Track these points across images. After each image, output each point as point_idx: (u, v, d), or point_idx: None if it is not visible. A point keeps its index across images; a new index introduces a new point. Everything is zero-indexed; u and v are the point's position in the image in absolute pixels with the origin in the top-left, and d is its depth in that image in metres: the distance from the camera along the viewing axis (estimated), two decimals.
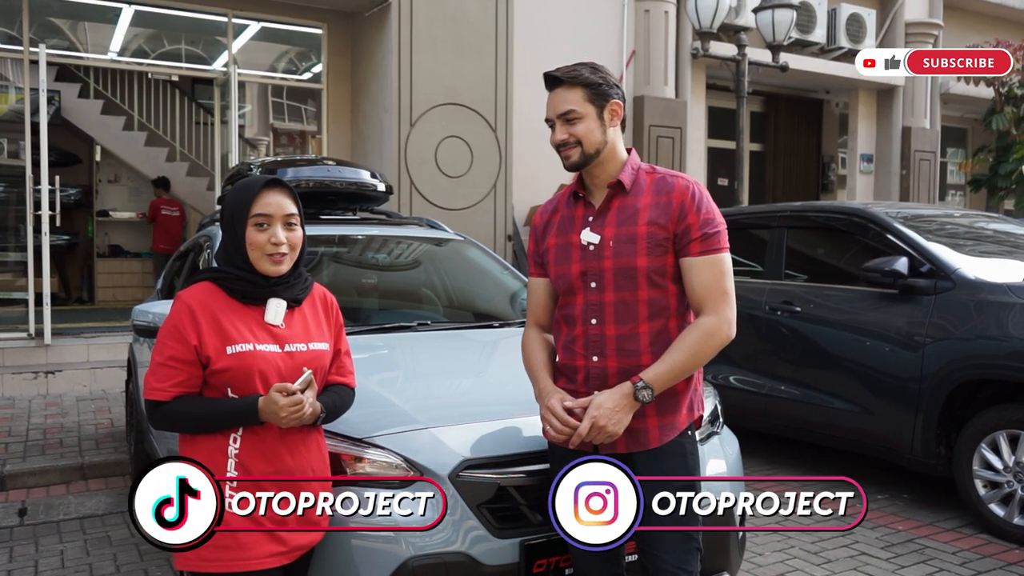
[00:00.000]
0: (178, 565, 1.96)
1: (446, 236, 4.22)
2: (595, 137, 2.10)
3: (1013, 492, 3.94)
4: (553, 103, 2.11)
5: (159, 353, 1.93)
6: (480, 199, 8.09)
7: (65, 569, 3.70)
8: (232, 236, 1.99)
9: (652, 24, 9.63)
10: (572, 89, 2.09)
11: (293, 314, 2.04)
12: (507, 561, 2.26)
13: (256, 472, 1.92)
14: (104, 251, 11.35)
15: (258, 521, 1.91)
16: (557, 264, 2.17)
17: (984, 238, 5.12)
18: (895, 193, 11.99)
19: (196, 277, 2.05)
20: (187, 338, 1.90)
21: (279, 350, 1.97)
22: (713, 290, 2.05)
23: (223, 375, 1.91)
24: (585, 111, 2.08)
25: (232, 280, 1.98)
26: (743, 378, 5.22)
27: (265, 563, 1.91)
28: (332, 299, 2.18)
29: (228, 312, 1.95)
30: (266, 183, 2.00)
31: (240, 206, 1.98)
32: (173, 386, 1.91)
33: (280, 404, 1.85)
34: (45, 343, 6.92)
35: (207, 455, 1.91)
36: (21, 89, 8.55)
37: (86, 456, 5.12)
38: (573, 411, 2.03)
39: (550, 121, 2.13)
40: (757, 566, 3.66)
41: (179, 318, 1.93)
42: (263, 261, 1.97)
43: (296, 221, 2.02)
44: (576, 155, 2.10)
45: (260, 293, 1.99)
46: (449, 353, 3.24)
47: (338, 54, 8.65)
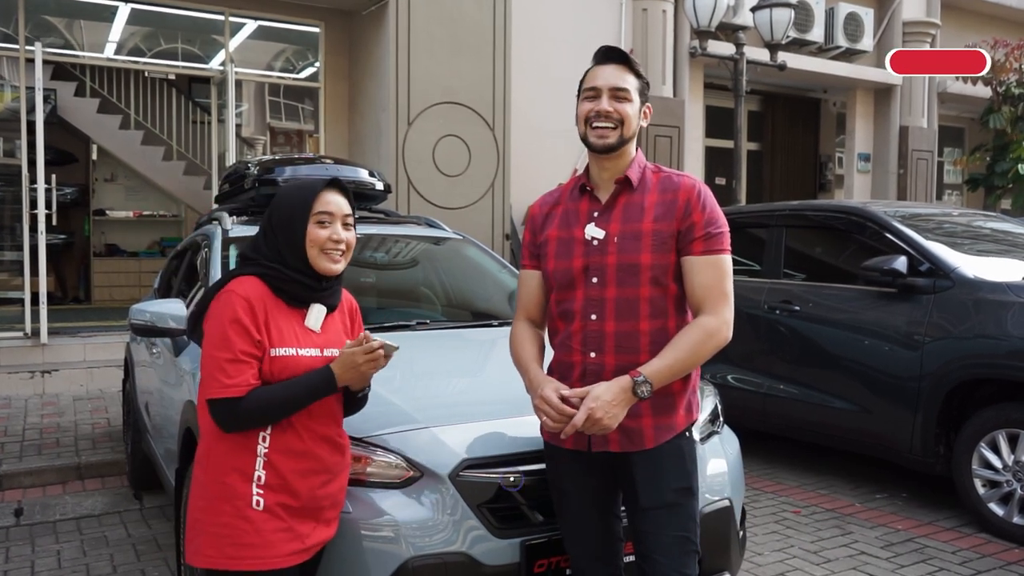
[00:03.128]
0: (196, 562, 1.93)
1: (445, 235, 4.21)
2: (634, 124, 2.11)
3: (1012, 491, 3.94)
4: (606, 75, 2.09)
5: (226, 349, 1.87)
6: (478, 198, 8.08)
7: (62, 569, 3.68)
8: (289, 234, 1.98)
9: (650, 23, 9.62)
10: (628, 73, 2.11)
11: (328, 320, 2.06)
12: (507, 561, 2.25)
13: (285, 470, 1.92)
14: (101, 250, 11.32)
15: (285, 520, 1.91)
16: (557, 258, 2.15)
17: (982, 237, 5.12)
18: (892, 192, 11.99)
19: (241, 269, 2.00)
20: (252, 332, 1.89)
21: (319, 354, 1.98)
22: (714, 291, 2.04)
23: (262, 376, 1.91)
24: (634, 97, 2.10)
25: (284, 280, 1.97)
26: (742, 377, 5.22)
27: (287, 561, 1.92)
28: (356, 304, 2.21)
29: (275, 311, 1.95)
30: (327, 183, 2.02)
31: (301, 204, 1.99)
32: (252, 378, 1.88)
33: (357, 353, 1.90)
34: (41, 342, 6.90)
35: (235, 454, 1.90)
36: (17, 87, 8.52)
37: (83, 456, 5.10)
38: (569, 400, 2.00)
39: (594, 90, 2.10)
40: (757, 565, 3.65)
41: (240, 311, 1.89)
42: (321, 259, 1.98)
43: (351, 223, 2.04)
44: (615, 136, 2.08)
45: (308, 296, 2.00)
46: (448, 352, 3.24)
47: (335, 53, 8.63)
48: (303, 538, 1.95)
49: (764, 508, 4.42)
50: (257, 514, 1.89)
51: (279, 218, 2.01)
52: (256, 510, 1.89)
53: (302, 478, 1.94)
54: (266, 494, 1.90)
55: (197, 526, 1.94)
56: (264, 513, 1.89)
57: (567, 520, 2.19)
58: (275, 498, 1.91)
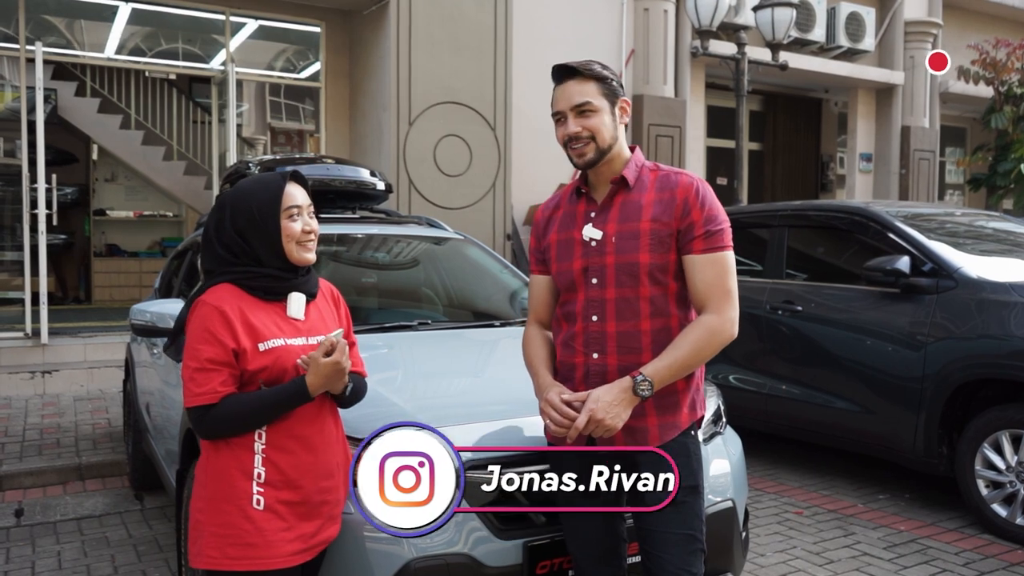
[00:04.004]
0: (199, 563, 1.93)
1: (446, 235, 4.20)
2: (609, 132, 2.07)
3: (1016, 492, 3.92)
4: (566, 95, 2.06)
5: (193, 359, 1.89)
6: (479, 198, 8.08)
7: (62, 570, 3.67)
8: (263, 233, 1.98)
9: (651, 23, 9.62)
10: (586, 82, 2.06)
11: (309, 307, 2.07)
12: (510, 562, 2.23)
13: (285, 466, 1.92)
14: (101, 250, 11.32)
15: (286, 518, 1.91)
16: (559, 260, 2.15)
17: (985, 237, 5.11)
18: (894, 192, 11.99)
19: (211, 281, 2.01)
20: (223, 340, 1.89)
21: (306, 341, 1.99)
22: (716, 288, 2.02)
23: (259, 373, 1.91)
24: (600, 105, 2.05)
25: (253, 278, 1.98)
26: (744, 377, 5.21)
27: (290, 561, 1.91)
28: (338, 292, 2.22)
29: (254, 309, 1.96)
30: (286, 177, 2.03)
31: (270, 202, 1.99)
32: (219, 386, 1.88)
33: (322, 363, 1.88)
34: (42, 342, 6.89)
35: (234, 453, 1.91)
36: (17, 87, 8.53)
37: (83, 456, 5.09)
38: (572, 404, 1.99)
39: (560, 115, 2.08)
40: (759, 566, 3.64)
41: (209, 321, 1.90)
42: (298, 250, 2.00)
43: (313, 211, 2.07)
44: (591, 151, 2.06)
45: (282, 288, 2.01)
46: (449, 352, 3.23)
47: (336, 52, 8.63)
48: (305, 537, 1.94)
49: (766, 509, 4.41)
50: (258, 513, 1.88)
51: (247, 220, 1.99)
52: (257, 509, 1.89)
53: (302, 472, 1.94)
54: (266, 492, 1.90)
55: (199, 527, 1.93)
56: (266, 512, 1.89)
57: (570, 521, 2.17)
58: (276, 495, 1.90)
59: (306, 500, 1.94)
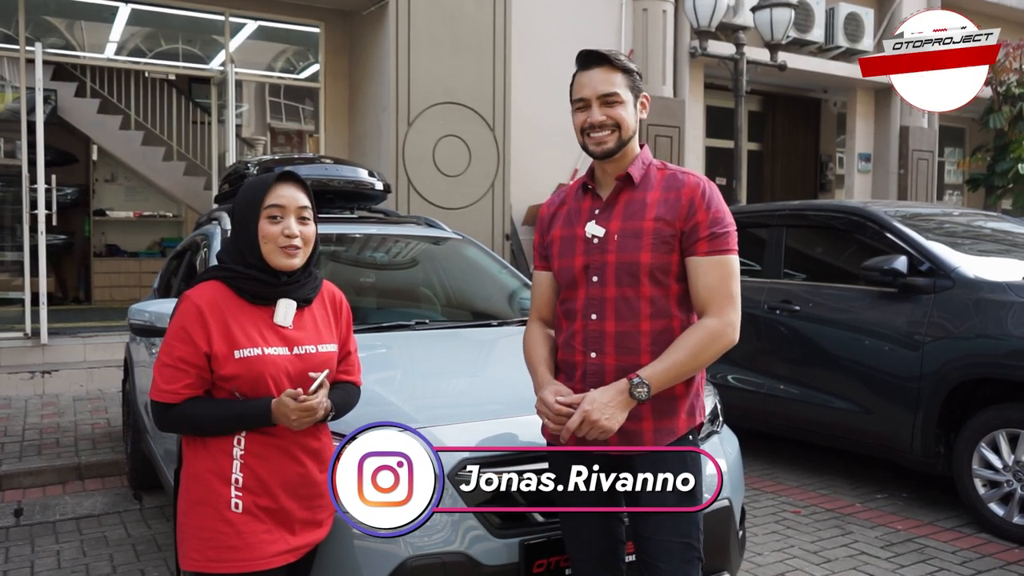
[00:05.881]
0: (185, 565, 1.93)
1: (445, 235, 4.20)
2: (632, 125, 2.06)
3: (1013, 491, 3.93)
4: (592, 82, 2.04)
5: (167, 354, 1.88)
6: (478, 198, 8.07)
7: (61, 570, 3.68)
8: (244, 231, 1.94)
9: (650, 23, 9.62)
10: (615, 72, 2.04)
11: (303, 314, 2.00)
12: (506, 561, 2.24)
13: (262, 473, 1.90)
14: (101, 251, 11.32)
15: (265, 521, 1.90)
16: (561, 257, 2.13)
17: (983, 237, 5.12)
18: (893, 192, 11.99)
19: (203, 275, 2.00)
20: (196, 341, 1.86)
21: (288, 352, 1.93)
22: (719, 292, 1.99)
23: (231, 381, 1.88)
24: (625, 96, 2.04)
25: (241, 279, 1.93)
26: (742, 377, 5.21)
27: (272, 563, 1.89)
28: (341, 297, 2.15)
29: (237, 313, 1.91)
30: (280, 176, 1.97)
31: (253, 199, 1.94)
32: (183, 387, 1.87)
33: (291, 408, 1.83)
34: (41, 342, 6.90)
35: (212, 457, 1.89)
36: (17, 88, 8.52)
37: (82, 456, 5.10)
38: (569, 405, 1.97)
39: (583, 101, 2.05)
40: (757, 565, 3.65)
41: (187, 319, 1.88)
42: (276, 255, 1.93)
43: (309, 215, 1.98)
44: (613, 141, 2.04)
45: (270, 293, 1.95)
46: (447, 352, 3.23)
47: (335, 53, 8.63)
48: (288, 540, 1.92)
49: (764, 508, 4.41)
50: (236, 516, 1.87)
51: (236, 216, 1.99)
52: (235, 512, 1.87)
53: (280, 480, 1.91)
54: (244, 496, 1.88)
55: (183, 530, 1.94)
56: (244, 515, 1.87)
57: (568, 521, 2.17)
58: (254, 500, 1.89)
59: (284, 507, 1.92)
